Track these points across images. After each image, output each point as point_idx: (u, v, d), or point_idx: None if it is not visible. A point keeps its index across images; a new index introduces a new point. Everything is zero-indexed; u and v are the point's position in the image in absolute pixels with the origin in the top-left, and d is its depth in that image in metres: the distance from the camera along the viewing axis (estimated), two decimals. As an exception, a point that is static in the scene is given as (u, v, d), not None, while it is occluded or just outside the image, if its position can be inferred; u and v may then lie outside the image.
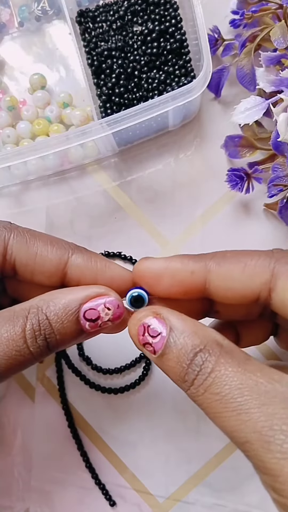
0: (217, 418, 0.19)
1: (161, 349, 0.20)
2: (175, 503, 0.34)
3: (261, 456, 0.17)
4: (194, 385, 0.19)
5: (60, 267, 0.24)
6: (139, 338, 0.21)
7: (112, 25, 0.36)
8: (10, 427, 0.35)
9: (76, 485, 0.35)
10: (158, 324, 0.21)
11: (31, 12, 0.37)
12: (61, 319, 0.22)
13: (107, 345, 0.36)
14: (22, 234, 0.24)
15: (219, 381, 0.18)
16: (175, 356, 0.20)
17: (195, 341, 0.19)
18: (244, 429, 0.18)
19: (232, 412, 0.18)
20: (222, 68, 0.35)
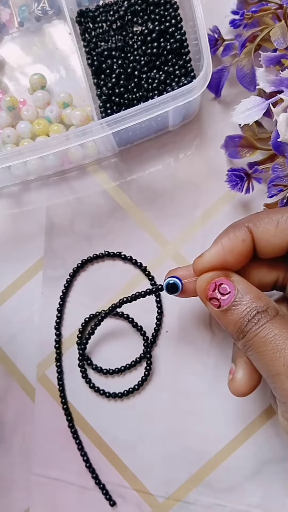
0: (258, 356, 0.24)
1: (227, 305, 0.25)
2: (175, 503, 0.34)
3: (285, 384, 0.23)
4: (249, 333, 0.24)
5: None
6: (207, 293, 0.26)
7: (112, 25, 0.36)
8: (10, 427, 0.35)
9: (76, 485, 0.35)
10: (229, 284, 0.25)
11: (31, 12, 0.37)
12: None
13: (108, 347, 0.36)
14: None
15: (267, 330, 0.24)
16: (239, 313, 0.25)
17: (259, 304, 0.25)
18: (277, 363, 0.23)
19: (271, 350, 0.24)
20: (222, 68, 0.35)
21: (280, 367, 0.23)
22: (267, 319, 0.24)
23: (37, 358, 0.36)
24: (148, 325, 0.35)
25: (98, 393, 0.35)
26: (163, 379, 0.35)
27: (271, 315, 0.24)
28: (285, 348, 0.23)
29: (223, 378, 0.34)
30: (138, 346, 0.35)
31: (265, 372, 0.24)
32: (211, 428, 0.34)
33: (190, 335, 0.35)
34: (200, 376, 0.35)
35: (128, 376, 0.35)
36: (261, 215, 0.27)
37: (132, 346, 0.35)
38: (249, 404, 0.34)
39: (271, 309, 0.25)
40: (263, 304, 0.25)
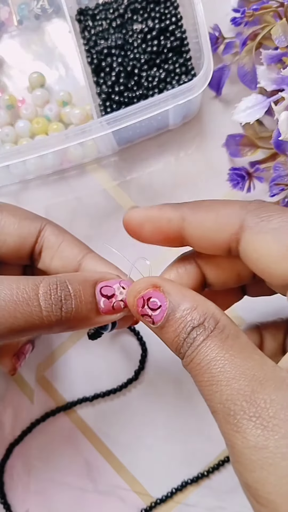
0: (198, 386, 0.20)
1: (160, 321, 0.21)
2: (176, 505, 0.34)
3: (222, 427, 0.18)
4: (186, 356, 0.20)
5: (77, 258, 0.26)
6: (138, 310, 0.22)
7: (112, 23, 0.36)
8: (9, 428, 0.35)
9: (76, 487, 0.34)
10: (158, 297, 0.21)
11: (31, 11, 0.37)
12: (78, 286, 0.22)
13: (107, 347, 0.35)
14: (57, 226, 0.27)
15: (203, 353, 0.19)
16: (174, 329, 0.20)
17: (194, 316, 0.20)
18: (213, 399, 0.19)
19: (207, 382, 0.19)
20: (223, 67, 0.35)
21: (216, 404, 0.19)
22: (203, 336, 0.20)
23: (36, 359, 0.36)
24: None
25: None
26: (163, 380, 0.35)
27: (209, 329, 0.20)
28: (221, 380, 0.18)
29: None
30: (138, 347, 0.35)
31: (208, 406, 0.20)
32: (212, 429, 0.34)
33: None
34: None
35: (128, 377, 0.35)
36: (202, 203, 0.23)
37: (133, 347, 0.35)
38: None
39: (209, 320, 0.20)
40: (199, 315, 0.20)
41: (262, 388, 0.18)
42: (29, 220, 0.26)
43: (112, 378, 0.35)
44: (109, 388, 0.35)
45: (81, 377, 0.35)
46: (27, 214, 0.27)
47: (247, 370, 0.18)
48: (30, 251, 0.27)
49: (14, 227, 0.26)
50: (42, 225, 0.27)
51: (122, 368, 0.35)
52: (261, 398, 0.17)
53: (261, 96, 0.33)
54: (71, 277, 0.23)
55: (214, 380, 0.19)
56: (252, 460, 0.17)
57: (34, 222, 0.27)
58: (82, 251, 0.27)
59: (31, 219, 0.27)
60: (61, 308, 0.22)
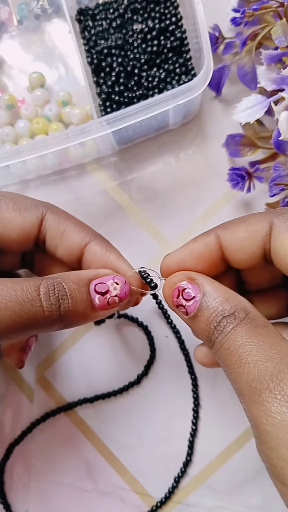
0: (226, 370, 0.21)
1: (193, 311, 0.22)
2: (176, 505, 0.34)
3: (248, 407, 0.19)
4: (216, 342, 0.21)
5: (80, 247, 0.27)
6: (173, 300, 0.23)
7: (112, 23, 0.36)
8: (9, 428, 0.35)
9: (76, 487, 0.34)
10: (193, 288, 0.23)
11: (31, 11, 0.37)
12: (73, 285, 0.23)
13: (110, 349, 0.35)
14: (57, 212, 0.27)
15: (233, 338, 0.21)
16: (206, 319, 0.22)
17: (225, 307, 0.21)
18: (240, 380, 0.20)
19: (235, 364, 0.20)
20: (223, 67, 0.35)
21: (243, 385, 0.20)
22: (233, 324, 0.21)
23: (36, 359, 0.36)
24: (150, 327, 0.35)
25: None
26: (164, 381, 0.35)
27: (239, 318, 0.21)
28: (249, 362, 0.19)
29: (224, 379, 0.34)
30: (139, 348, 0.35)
31: (234, 389, 0.21)
32: (212, 430, 0.34)
33: (191, 338, 0.35)
34: (201, 379, 0.34)
35: (126, 377, 0.35)
36: (232, 220, 0.25)
37: (133, 347, 0.35)
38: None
39: (240, 311, 0.21)
40: (230, 306, 0.22)
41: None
42: (30, 211, 0.27)
43: (112, 378, 0.35)
44: (109, 388, 0.35)
45: (81, 377, 0.35)
46: (27, 204, 0.27)
47: (274, 353, 0.19)
48: (34, 241, 0.27)
49: (16, 221, 0.26)
50: (43, 213, 0.27)
51: (123, 368, 0.35)
52: (287, 378, 0.18)
53: (261, 96, 0.33)
54: (66, 277, 0.23)
55: (242, 363, 0.20)
56: (278, 438, 0.18)
57: (35, 212, 0.27)
58: (84, 239, 0.27)
59: (32, 209, 0.27)
60: (59, 307, 0.22)
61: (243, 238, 0.23)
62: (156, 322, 0.35)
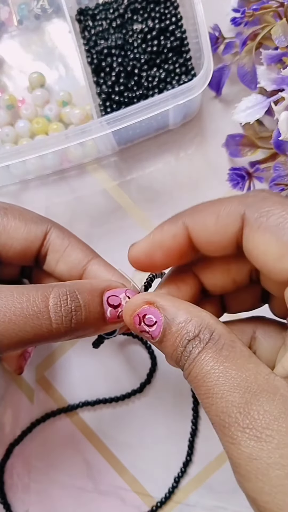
0: (199, 399, 0.20)
1: (158, 336, 0.21)
2: (175, 505, 0.34)
3: (220, 438, 0.19)
4: (184, 369, 0.20)
5: (82, 263, 0.26)
6: (136, 327, 0.22)
7: (112, 23, 0.36)
8: (9, 428, 0.35)
9: (76, 487, 0.34)
10: (153, 313, 0.21)
11: (31, 11, 0.37)
12: (88, 296, 0.22)
13: (109, 350, 0.35)
14: (62, 229, 0.27)
15: (199, 365, 0.19)
16: (172, 343, 0.20)
17: (189, 328, 0.20)
18: (210, 411, 0.19)
19: (204, 395, 0.19)
20: (223, 67, 0.35)
21: (213, 416, 0.19)
22: (199, 349, 0.19)
23: (36, 359, 0.36)
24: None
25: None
26: (164, 381, 0.35)
27: (204, 341, 0.20)
28: (216, 393, 0.18)
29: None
30: (140, 349, 0.35)
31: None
32: (212, 430, 0.34)
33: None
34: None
35: (129, 379, 0.35)
36: (200, 207, 0.23)
37: (133, 348, 0.35)
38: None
39: (204, 332, 0.20)
40: (194, 327, 0.20)
41: (255, 399, 0.18)
42: (35, 224, 0.26)
43: (112, 378, 0.35)
44: (109, 388, 0.35)
45: (81, 377, 0.35)
46: (33, 217, 0.27)
47: (241, 382, 0.18)
48: (35, 254, 0.26)
49: (21, 231, 0.26)
50: (48, 227, 0.27)
51: (123, 368, 0.35)
52: (255, 410, 0.18)
53: (261, 96, 0.33)
54: (80, 286, 0.22)
55: (210, 393, 0.19)
56: (248, 471, 0.17)
57: (40, 225, 0.26)
58: (87, 256, 0.26)
59: (37, 222, 0.26)
60: (71, 319, 0.21)
61: (213, 232, 0.21)
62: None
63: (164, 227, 0.23)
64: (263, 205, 0.20)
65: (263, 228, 0.20)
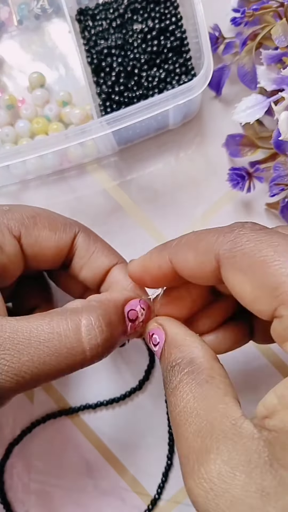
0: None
1: (159, 356, 0.22)
2: (175, 505, 0.34)
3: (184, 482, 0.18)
4: (166, 395, 0.21)
5: (106, 269, 0.27)
6: (150, 343, 0.24)
7: (112, 23, 0.36)
8: (9, 428, 0.35)
9: (76, 487, 0.34)
10: (158, 334, 0.23)
11: (31, 11, 0.37)
12: (113, 317, 0.22)
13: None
14: (88, 233, 0.27)
15: (175, 395, 0.20)
16: (163, 365, 0.22)
17: (177, 355, 0.21)
18: (179, 448, 0.19)
19: (175, 427, 0.19)
20: (223, 67, 0.35)
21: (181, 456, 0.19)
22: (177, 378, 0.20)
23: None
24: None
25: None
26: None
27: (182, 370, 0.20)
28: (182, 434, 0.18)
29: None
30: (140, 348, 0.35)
31: None
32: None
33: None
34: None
35: (129, 378, 0.35)
36: (184, 240, 0.23)
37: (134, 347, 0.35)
38: (250, 406, 0.34)
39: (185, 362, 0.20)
40: (181, 354, 0.21)
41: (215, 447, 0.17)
42: (65, 231, 0.26)
43: (112, 378, 0.35)
44: (109, 387, 0.35)
45: (81, 376, 0.35)
46: (62, 223, 0.27)
47: (206, 425, 0.18)
48: (64, 260, 0.27)
49: (52, 241, 0.26)
50: (76, 232, 0.27)
51: (123, 367, 0.35)
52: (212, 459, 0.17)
53: (261, 96, 0.33)
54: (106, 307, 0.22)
55: (178, 432, 0.19)
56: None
57: (69, 232, 0.27)
58: (111, 262, 0.27)
59: (66, 229, 0.26)
60: (102, 347, 0.21)
61: (193, 268, 0.22)
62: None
63: (152, 257, 0.24)
64: (238, 242, 0.20)
65: (235, 269, 0.20)
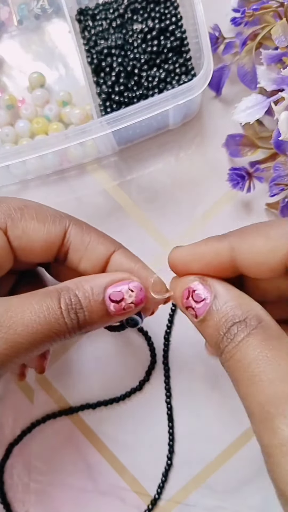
0: (236, 385, 0.19)
1: (202, 314, 0.21)
2: (175, 505, 0.34)
3: (259, 430, 0.18)
4: (224, 352, 0.20)
5: (105, 258, 0.26)
6: (182, 301, 0.22)
7: (112, 23, 0.36)
8: (9, 429, 0.35)
9: (76, 488, 0.34)
10: (204, 290, 0.21)
11: (31, 11, 0.37)
12: (88, 298, 0.23)
13: (109, 347, 0.35)
14: (80, 224, 0.27)
15: (244, 350, 0.19)
16: (215, 323, 0.20)
17: (236, 312, 0.20)
18: (251, 400, 0.18)
19: (246, 381, 0.18)
20: (223, 67, 0.35)
21: (254, 406, 0.18)
22: (244, 333, 0.19)
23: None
24: (154, 329, 0.35)
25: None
26: (162, 381, 0.35)
27: (251, 326, 0.19)
28: (263, 381, 0.18)
29: (224, 380, 0.34)
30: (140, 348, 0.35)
31: (244, 406, 0.19)
32: (212, 430, 0.34)
33: (191, 337, 0.35)
34: (201, 378, 0.34)
35: (129, 378, 0.35)
36: (247, 229, 0.23)
37: (133, 345, 0.35)
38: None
39: (252, 318, 0.20)
40: (242, 311, 0.20)
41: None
42: (54, 223, 0.26)
43: (113, 378, 0.35)
44: (109, 388, 0.35)
45: (81, 376, 0.35)
46: (51, 215, 0.26)
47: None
48: (56, 253, 0.26)
49: (41, 233, 0.25)
50: (67, 225, 0.26)
51: (123, 367, 0.35)
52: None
53: (261, 96, 0.33)
54: (80, 285, 0.23)
55: (255, 380, 0.18)
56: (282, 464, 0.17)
57: (59, 224, 0.26)
58: (109, 249, 0.26)
59: (55, 220, 0.26)
60: (78, 320, 0.23)
61: (262, 254, 0.21)
62: (158, 326, 0.35)
63: (209, 242, 0.23)
64: None
65: None
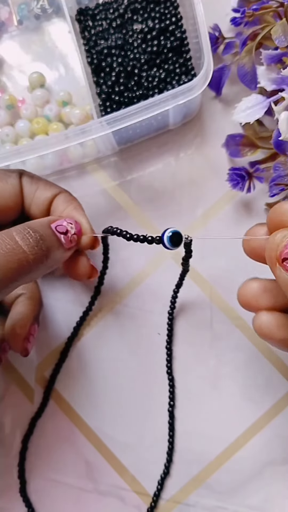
0: None
1: None
2: (175, 505, 0.34)
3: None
4: None
5: (49, 201, 0.30)
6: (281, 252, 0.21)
7: (112, 23, 0.36)
8: (9, 429, 0.35)
9: (75, 487, 0.34)
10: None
11: (31, 11, 0.37)
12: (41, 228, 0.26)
13: (108, 344, 0.35)
14: (30, 174, 0.31)
15: None
16: None
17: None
18: None
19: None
20: (223, 67, 0.35)
21: None
22: None
23: (36, 359, 0.36)
24: (153, 324, 0.35)
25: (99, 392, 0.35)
26: (162, 381, 0.35)
27: None
28: None
29: (223, 379, 0.34)
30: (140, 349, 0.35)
31: None
32: (211, 430, 0.34)
33: (190, 336, 0.35)
34: (201, 377, 0.34)
35: (129, 378, 0.35)
36: None
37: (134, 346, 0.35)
38: (250, 406, 0.34)
39: None
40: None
41: None
42: (11, 177, 0.30)
43: (112, 377, 0.35)
44: (109, 388, 0.35)
45: (81, 376, 0.35)
46: (5, 173, 0.30)
47: None
48: (21, 205, 0.30)
49: (7, 189, 0.29)
50: (20, 177, 0.30)
51: (123, 367, 0.35)
52: None
53: (261, 96, 0.33)
54: (31, 223, 0.26)
55: None
56: None
57: (15, 178, 0.30)
58: (53, 193, 0.30)
59: (12, 175, 0.30)
60: (41, 247, 0.25)
61: None
62: (158, 326, 0.35)
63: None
64: None
65: None
